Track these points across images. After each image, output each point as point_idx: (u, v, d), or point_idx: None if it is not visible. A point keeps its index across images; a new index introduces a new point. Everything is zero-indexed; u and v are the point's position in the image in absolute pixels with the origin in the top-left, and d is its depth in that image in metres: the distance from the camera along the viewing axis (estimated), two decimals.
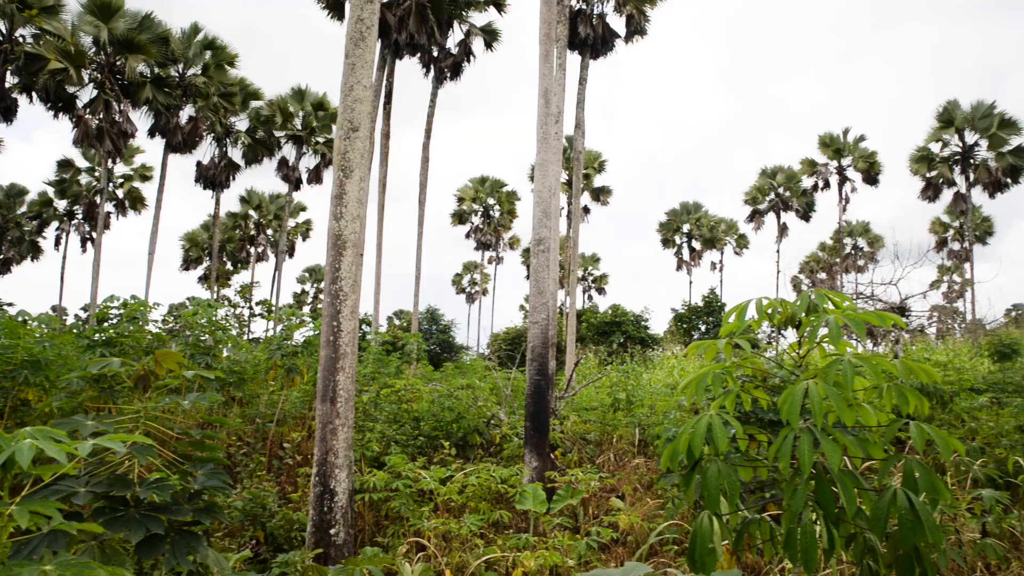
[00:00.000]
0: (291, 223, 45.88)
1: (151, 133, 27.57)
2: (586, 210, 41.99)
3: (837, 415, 2.43)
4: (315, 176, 34.06)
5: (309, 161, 34.13)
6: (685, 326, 36.45)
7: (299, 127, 33.21)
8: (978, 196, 36.25)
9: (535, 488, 6.95)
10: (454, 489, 6.89)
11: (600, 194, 41.63)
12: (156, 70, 26.16)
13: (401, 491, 6.83)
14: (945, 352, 21.34)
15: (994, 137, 34.35)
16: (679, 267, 52.48)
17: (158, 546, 2.65)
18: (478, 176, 47.24)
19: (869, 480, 2.79)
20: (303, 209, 47.21)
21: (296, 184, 34.26)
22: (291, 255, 47.54)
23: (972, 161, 35.60)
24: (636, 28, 21.27)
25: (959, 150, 36.01)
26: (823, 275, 52.84)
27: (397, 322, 57.79)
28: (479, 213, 48.03)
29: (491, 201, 47.72)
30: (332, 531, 5.53)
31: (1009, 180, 34.44)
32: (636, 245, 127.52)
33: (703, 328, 35.81)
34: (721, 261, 53.46)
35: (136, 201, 35.58)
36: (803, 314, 2.44)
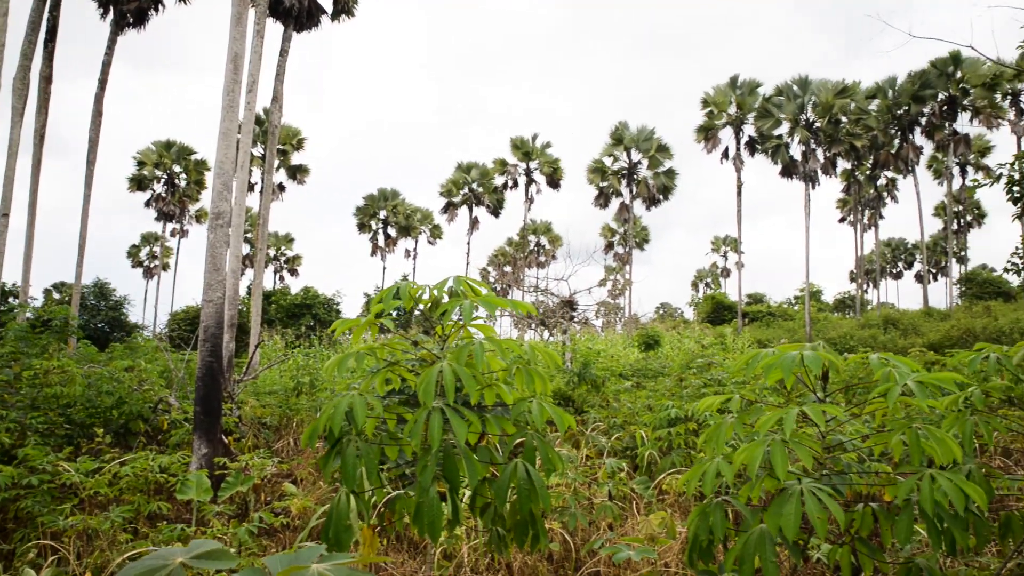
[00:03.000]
0: None
1: None
2: (281, 187, 40.50)
3: (479, 395, 2.63)
4: None
5: None
6: None
7: None
8: (639, 208, 41.84)
9: (199, 476, 6.54)
10: (103, 481, 6.23)
11: (297, 172, 40.36)
12: None
13: (35, 487, 6.00)
14: (605, 342, 24.38)
15: (652, 158, 40.01)
16: (374, 252, 52.87)
17: None
18: (164, 140, 42.80)
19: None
20: None
21: None
22: None
23: (635, 177, 40.98)
24: (344, 7, 20.93)
25: (626, 166, 41.23)
26: (509, 268, 56.86)
27: (57, 296, 50.81)
28: (163, 180, 43.61)
29: (177, 168, 43.59)
30: None
31: (662, 197, 40.38)
32: (334, 228, 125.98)
33: (394, 313, 36.65)
34: (415, 249, 55.04)
35: None
36: (445, 299, 2.61)
